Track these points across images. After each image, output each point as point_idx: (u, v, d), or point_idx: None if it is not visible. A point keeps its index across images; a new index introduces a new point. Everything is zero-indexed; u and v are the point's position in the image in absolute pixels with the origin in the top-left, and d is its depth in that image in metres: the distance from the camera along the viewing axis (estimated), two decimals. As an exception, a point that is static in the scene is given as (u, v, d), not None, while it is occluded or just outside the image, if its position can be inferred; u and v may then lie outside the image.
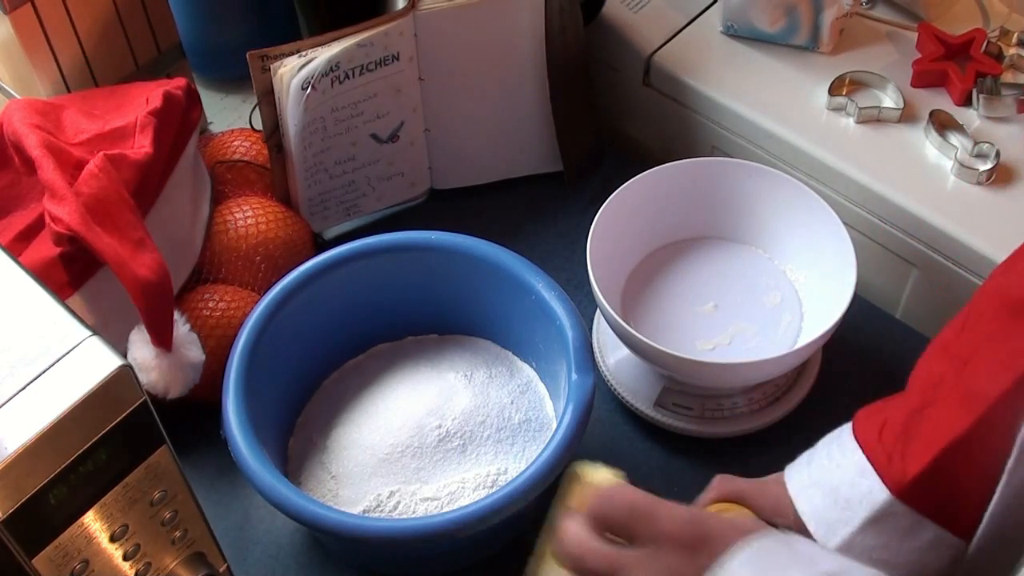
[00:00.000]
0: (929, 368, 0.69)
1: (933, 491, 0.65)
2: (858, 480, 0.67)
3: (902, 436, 0.67)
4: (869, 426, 0.69)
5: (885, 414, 0.69)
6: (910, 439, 0.66)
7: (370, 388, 0.86)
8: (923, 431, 0.66)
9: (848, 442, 0.69)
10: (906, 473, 0.65)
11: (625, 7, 1.05)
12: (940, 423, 0.65)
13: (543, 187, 1.04)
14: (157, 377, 0.78)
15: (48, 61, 0.90)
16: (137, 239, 0.78)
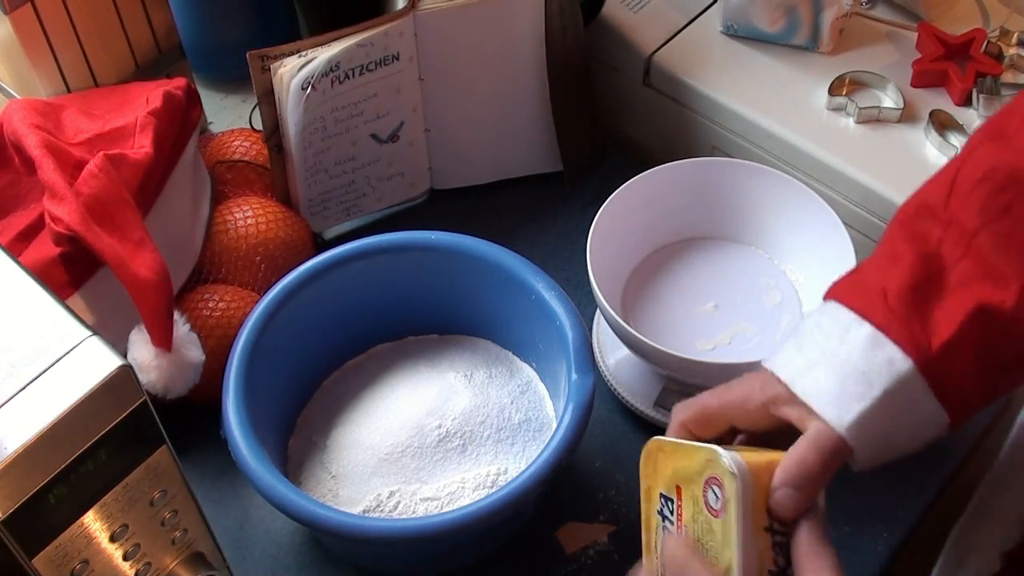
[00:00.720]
0: (914, 230, 0.64)
1: (949, 366, 0.61)
2: (872, 351, 0.62)
3: (917, 304, 0.62)
4: (863, 296, 0.64)
5: (878, 283, 0.63)
6: (929, 307, 0.61)
7: (370, 388, 0.86)
8: (945, 301, 0.61)
9: (842, 316, 0.64)
10: (931, 343, 0.61)
11: (625, 7, 1.05)
12: (962, 294, 0.61)
13: (543, 187, 1.04)
14: (157, 377, 0.78)
15: (48, 61, 0.90)
16: (137, 239, 0.79)
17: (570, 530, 0.83)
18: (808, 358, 0.63)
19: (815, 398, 0.62)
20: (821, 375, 0.62)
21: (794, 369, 0.64)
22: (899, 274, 0.63)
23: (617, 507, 0.84)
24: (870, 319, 0.62)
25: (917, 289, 0.62)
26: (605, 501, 0.84)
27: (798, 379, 0.63)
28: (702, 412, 0.66)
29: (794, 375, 0.63)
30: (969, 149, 0.65)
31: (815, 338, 0.64)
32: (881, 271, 0.64)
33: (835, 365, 0.62)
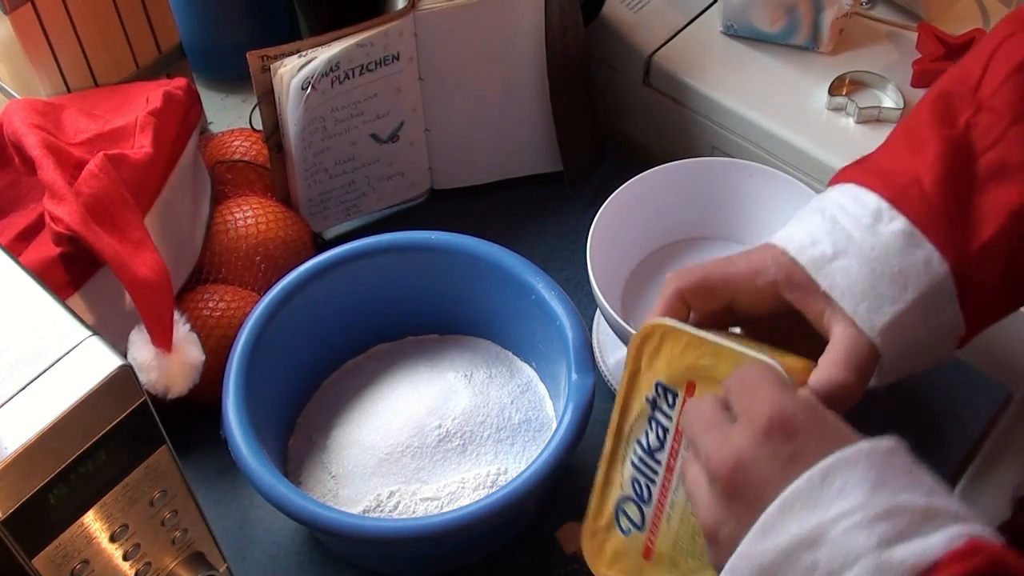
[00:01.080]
0: (938, 112, 0.59)
1: (980, 272, 0.57)
2: (908, 249, 0.57)
3: (955, 198, 0.57)
4: (892, 183, 0.59)
5: (908, 170, 0.58)
6: (967, 204, 0.57)
7: (370, 388, 0.86)
8: (984, 197, 0.57)
9: (869, 201, 0.58)
10: (969, 244, 0.56)
11: (625, 7, 1.05)
12: (1001, 191, 0.57)
13: (543, 187, 1.04)
14: (157, 377, 0.78)
15: (48, 61, 0.90)
16: (137, 239, 0.79)
17: (570, 530, 0.83)
18: (835, 244, 0.58)
19: (845, 295, 0.57)
20: (853, 267, 0.57)
21: (817, 254, 0.58)
22: (931, 161, 0.58)
23: (617, 507, 0.84)
24: (904, 211, 0.57)
25: (952, 180, 0.57)
26: (605, 501, 0.84)
27: (823, 267, 0.58)
28: (703, 282, 0.61)
29: (818, 261, 0.58)
30: (999, 38, 0.60)
31: (840, 222, 0.58)
32: (907, 158, 0.59)
33: (867, 258, 0.57)
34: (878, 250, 0.57)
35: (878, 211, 0.58)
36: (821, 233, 0.59)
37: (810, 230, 0.59)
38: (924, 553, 0.48)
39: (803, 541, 0.49)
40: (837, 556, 0.48)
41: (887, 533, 0.48)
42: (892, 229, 0.57)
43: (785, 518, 0.50)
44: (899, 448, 0.52)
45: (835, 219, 0.59)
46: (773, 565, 0.50)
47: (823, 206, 0.60)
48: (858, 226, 0.58)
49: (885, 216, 0.58)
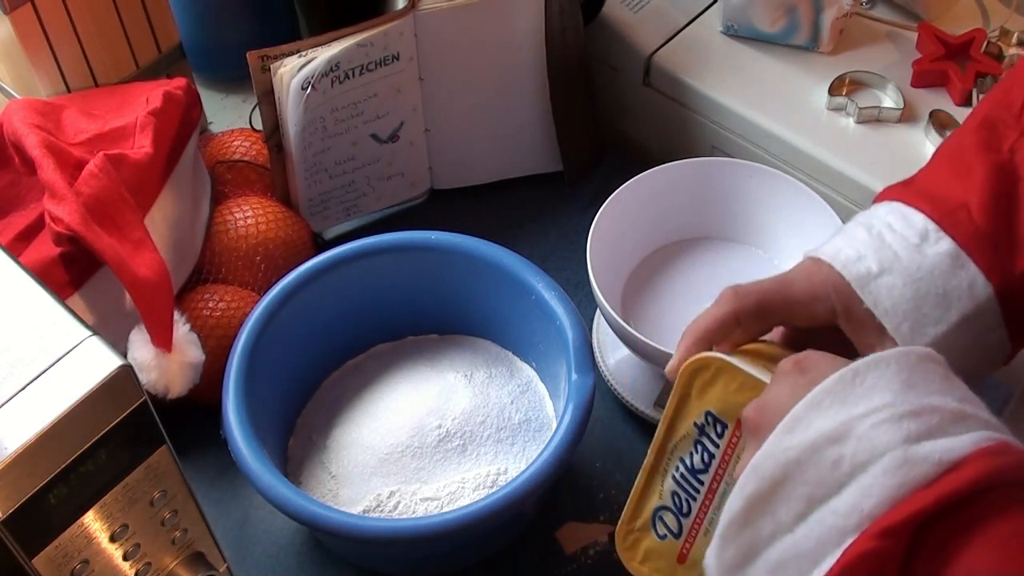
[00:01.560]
0: (983, 139, 0.60)
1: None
2: (953, 271, 0.57)
3: (1000, 222, 0.58)
4: (940, 206, 0.59)
5: (955, 194, 0.59)
6: (1012, 227, 0.58)
7: (370, 388, 0.86)
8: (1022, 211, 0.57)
9: (916, 221, 0.59)
10: (1014, 267, 0.57)
11: (625, 7, 1.05)
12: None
13: (543, 187, 1.04)
14: (157, 377, 0.78)
15: (48, 61, 0.90)
16: (137, 239, 0.79)
17: (570, 530, 0.83)
18: (881, 261, 0.58)
19: (889, 313, 0.58)
20: (898, 285, 0.58)
21: (863, 270, 0.59)
22: (977, 186, 0.58)
23: (617, 507, 0.84)
24: (951, 233, 0.58)
25: (998, 205, 0.58)
26: (605, 501, 0.84)
27: (868, 284, 0.58)
28: (762, 306, 0.60)
29: (863, 278, 0.58)
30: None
31: (887, 240, 0.59)
32: (953, 182, 0.60)
33: (912, 278, 0.58)
34: (924, 270, 0.58)
35: (925, 231, 0.59)
36: (867, 249, 0.59)
37: (856, 245, 0.60)
38: (951, 449, 0.47)
39: (829, 436, 0.49)
40: (863, 450, 0.48)
41: (915, 430, 0.48)
42: (938, 250, 0.58)
43: (812, 414, 0.50)
44: (934, 356, 0.52)
45: (882, 236, 0.60)
46: (798, 461, 0.49)
47: (870, 222, 0.61)
48: (905, 245, 0.59)
49: (932, 237, 0.59)
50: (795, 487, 0.49)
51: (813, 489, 0.49)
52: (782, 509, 0.50)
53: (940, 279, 0.58)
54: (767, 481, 0.50)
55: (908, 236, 0.59)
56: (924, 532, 0.47)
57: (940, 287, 0.58)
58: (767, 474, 0.50)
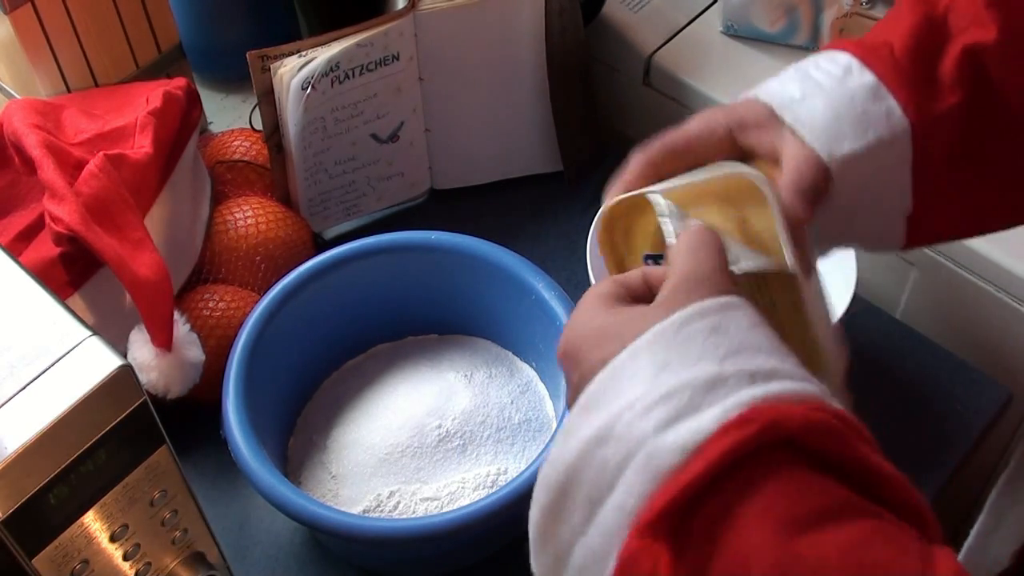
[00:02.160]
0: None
1: (937, 136, 0.60)
2: (873, 100, 0.60)
3: (922, 62, 0.60)
4: (865, 46, 0.62)
5: (881, 36, 0.62)
6: (932, 69, 0.60)
7: (370, 388, 0.86)
8: (954, 70, 0.60)
9: (841, 58, 0.62)
10: (931, 106, 0.59)
11: (625, 7, 1.05)
12: (973, 68, 0.59)
13: (543, 187, 1.04)
14: (157, 377, 0.78)
15: (48, 61, 0.90)
16: (137, 239, 0.79)
17: (570, 530, 0.83)
18: (804, 89, 0.61)
19: (807, 127, 0.59)
20: (818, 105, 0.60)
21: (786, 97, 0.61)
22: (904, 30, 0.61)
23: (617, 507, 0.84)
24: (873, 68, 0.60)
25: (922, 49, 0.60)
26: (605, 501, 0.84)
27: (790, 106, 0.60)
28: (668, 148, 0.63)
29: (785, 102, 0.60)
30: None
31: (811, 74, 0.61)
32: (883, 28, 0.62)
33: (833, 101, 0.60)
34: (845, 97, 0.60)
35: (848, 66, 0.61)
36: (792, 81, 0.62)
37: (782, 79, 0.62)
38: (695, 432, 0.45)
39: (596, 438, 0.47)
40: (620, 450, 0.46)
41: (663, 416, 0.46)
42: (860, 82, 0.60)
43: (581, 417, 0.49)
44: (705, 311, 0.49)
45: (807, 71, 0.62)
46: (575, 466, 0.48)
47: (798, 64, 0.63)
48: (828, 77, 0.61)
49: (855, 71, 0.61)
50: (579, 491, 0.48)
51: (591, 491, 0.47)
52: (575, 514, 0.48)
53: (860, 104, 0.59)
54: (555, 489, 0.49)
55: (832, 71, 0.61)
56: (689, 523, 0.44)
57: (859, 110, 0.59)
58: (553, 482, 0.49)
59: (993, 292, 0.90)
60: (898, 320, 0.95)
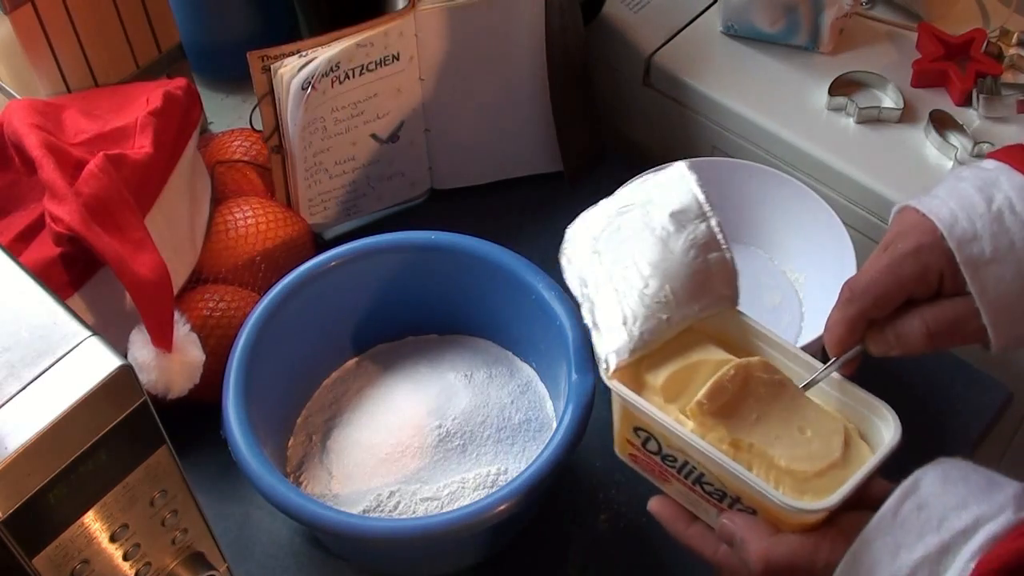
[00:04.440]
0: None
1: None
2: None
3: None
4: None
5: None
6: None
7: (370, 388, 0.86)
8: None
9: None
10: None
11: (625, 7, 1.05)
12: None
13: (543, 187, 1.04)
14: (157, 377, 0.78)
15: (48, 61, 0.90)
16: (137, 239, 0.79)
17: (570, 530, 0.83)
18: (996, 247, 0.58)
19: (992, 304, 0.58)
20: (1007, 276, 0.58)
21: (976, 252, 0.58)
22: None
23: (617, 507, 0.84)
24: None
25: None
26: (605, 501, 0.84)
27: (980, 269, 0.58)
28: (879, 300, 0.62)
29: (976, 261, 0.58)
30: None
31: (1006, 223, 0.58)
32: None
33: (1022, 271, 0.58)
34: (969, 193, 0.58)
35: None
36: (984, 229, 0.58)
37: (975, 221, 0.59)
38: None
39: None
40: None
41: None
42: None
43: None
44: (906, 492, 0.56)
45: (1001, 217, 0.59)
46: None
47: (991, 194, 0.59)
48: (1022, 232, 0.58)
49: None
50: None
51: None
52: None
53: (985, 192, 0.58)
54: None
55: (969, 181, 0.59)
56: None
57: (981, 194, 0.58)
58: None
59: (993, 292, 0.90)
60: (898, 320, 0.95)
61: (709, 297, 0.66)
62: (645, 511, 0.84)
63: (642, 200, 0.69)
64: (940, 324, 0.61)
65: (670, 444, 0.64)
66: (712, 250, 0.66)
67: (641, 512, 0.82)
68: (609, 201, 0.70)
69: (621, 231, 0.68)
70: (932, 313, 0.61)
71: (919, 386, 0.90)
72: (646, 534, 0.82)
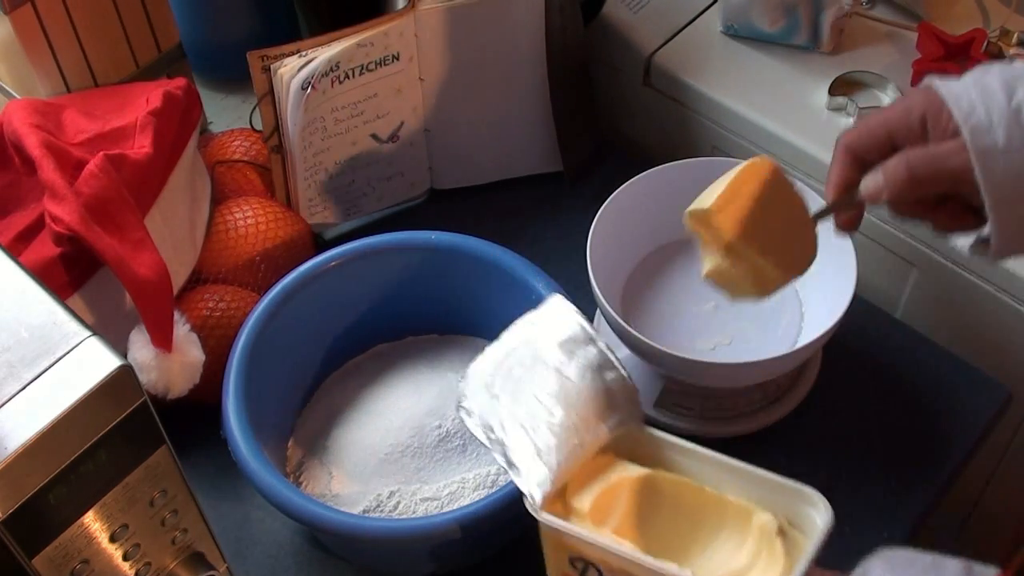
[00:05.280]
0: None
1: None
2: None
3: None
4: None
5: None
6: None
7: (370, 388, 0.86)
8: None
9: None
10: None
11: (625, 7, 1.05)
12: None
13: (543, 187, 1.04)
14: (157, 377, 0.78)
15: (48, 61, 0.90)
16: (137, 239, 0.79)
17: (570, 530, 0.83)
18: (1010, 137, 0.60)
19: (996, 188, 0.60)
20: (1016, 164, 0.60)
21: (989, 143, 0.60)
22: None
23: (617, 507, 0.84)
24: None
25: None
26: (605, 501, 0.84)
27: (987, 158, 0.60)
28: (866, 131, 0.65)
29: (988, 151, 0.60)
30: None
31: (1022, 119, 0.60)
32: None
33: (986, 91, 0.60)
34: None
35: None
36: (999, 119, 0.60)
37: (991, 110, 0.61)
38: None
39: None
40: None
41: None
42: None
43: None
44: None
45: (1019, 112, 0.60)
46: None
47: (1015, 90, 0.61)
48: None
49: None
50: None
51: None
52: None
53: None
54: None
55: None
56: None
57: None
58: None
59: (993, 292, 0.90)
60: (898, 320, 0.95)
61: (615, 415, 0.68)
62: (645, 511, 0.84)
63: (526, 339, 0.71)
64: (921, 159, 0.63)
65: (612, 568, 0.64)
66: (607, 369, 0.69)
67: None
68: (493, 347, 0.72)
69: (513, 371, 0.69)
70: (915, 152, 0.63)
71: (919, 386, 0.90)
72: (646, 534, 0.82)
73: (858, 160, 0.65)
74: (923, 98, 0.63)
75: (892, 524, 0.83)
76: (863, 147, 0.65)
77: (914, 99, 0.63)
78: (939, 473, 0.86)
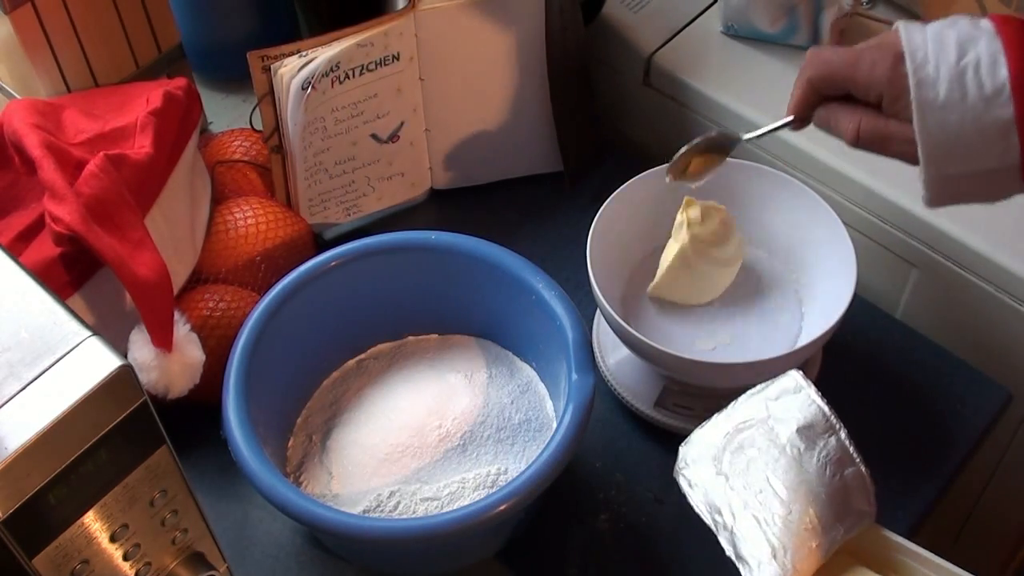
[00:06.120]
0: None
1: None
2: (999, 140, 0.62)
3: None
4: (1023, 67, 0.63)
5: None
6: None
7: (370, 388, 0.86)
8: None
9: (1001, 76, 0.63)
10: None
11: (625, 7, 1.05)
12: None
13: (543, 187, 1.04)
14: (157, 377, 0.78)
15: (48, 61, 0.90)
16: (137, 239, 0.79)
17: (570, 530, 0.83)
18: (949, 94, 0.62)
19: (928, 139, 0.62)
20: (951, 122, 0.62)
21: (930, 97, 0.62)
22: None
23: (617, 507, 0.84)
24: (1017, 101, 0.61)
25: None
26: (605, 501, 0.84)
27: (929, 110, 0.62)
28: (827, 70, 0.68)
29: (929, 104, 0.62)
30: None
31: (967, 77, 0.62)
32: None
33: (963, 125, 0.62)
34: (976, 125, 0.62)
35: (1000, 90, 0.62)
36: (944, 75, 0.62)
37: (940, 65, 0.63)
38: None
39: None
40: None
41: None
42: (998, 116, 0.62)
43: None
44: None
45: (964, 73, 0.62)
46: None
47: (966, 50, 0.63)
48: (978, 93, 0.62)
49: (1003, 98, 0.61)
50: None
51: None
52: None
53: (984, 142, 0.62)
54: None
55: (986, 86, 0.62)
56: None
57: (979, 145, 0.62)
58: None
59: (993, 292, 0.90)
60: (898, 320, 0.95)
61: (852, 516, 0.66)
62: (645, 511, 0.84)
63: (761, 416, 0.67)
64: (871, 132, 0.67)
65: None
66: (847, 465, 0.66)
67: (641, 512, 0.83)
68: (722, 417, 0.68)
69: (745, 451, 0.66)
70: (869, 120, 0.66)
71: (919, 386, 0.90)
72: (646, 534, 0.82)
73: (817, 94, 0.69)
74: (888, 52, 0.64)
75: (892, 524, 0.83)
76: (824, 87, 0.68)
77: (880, 52, 0.65)
78: (939, 473, 0.86)
